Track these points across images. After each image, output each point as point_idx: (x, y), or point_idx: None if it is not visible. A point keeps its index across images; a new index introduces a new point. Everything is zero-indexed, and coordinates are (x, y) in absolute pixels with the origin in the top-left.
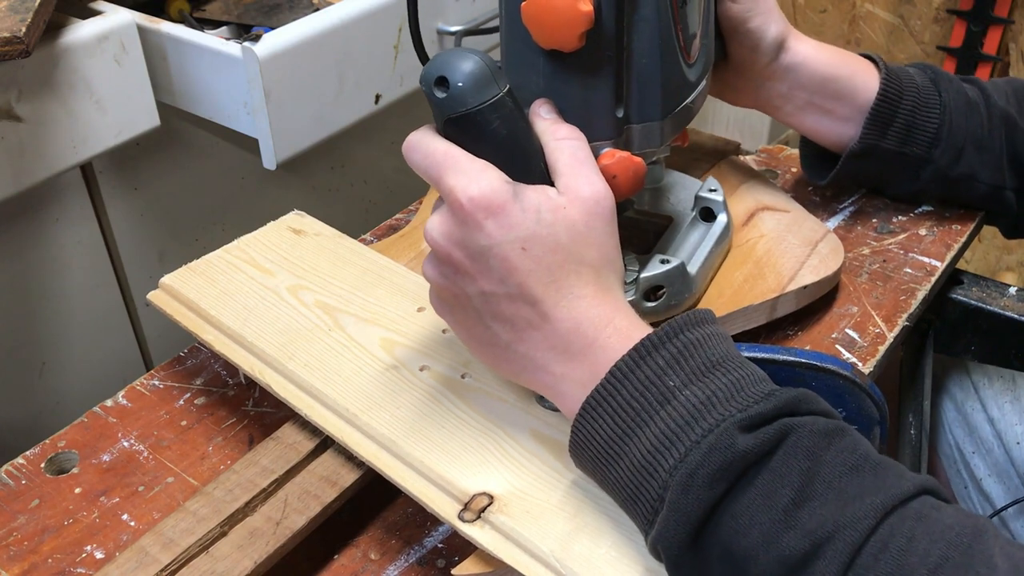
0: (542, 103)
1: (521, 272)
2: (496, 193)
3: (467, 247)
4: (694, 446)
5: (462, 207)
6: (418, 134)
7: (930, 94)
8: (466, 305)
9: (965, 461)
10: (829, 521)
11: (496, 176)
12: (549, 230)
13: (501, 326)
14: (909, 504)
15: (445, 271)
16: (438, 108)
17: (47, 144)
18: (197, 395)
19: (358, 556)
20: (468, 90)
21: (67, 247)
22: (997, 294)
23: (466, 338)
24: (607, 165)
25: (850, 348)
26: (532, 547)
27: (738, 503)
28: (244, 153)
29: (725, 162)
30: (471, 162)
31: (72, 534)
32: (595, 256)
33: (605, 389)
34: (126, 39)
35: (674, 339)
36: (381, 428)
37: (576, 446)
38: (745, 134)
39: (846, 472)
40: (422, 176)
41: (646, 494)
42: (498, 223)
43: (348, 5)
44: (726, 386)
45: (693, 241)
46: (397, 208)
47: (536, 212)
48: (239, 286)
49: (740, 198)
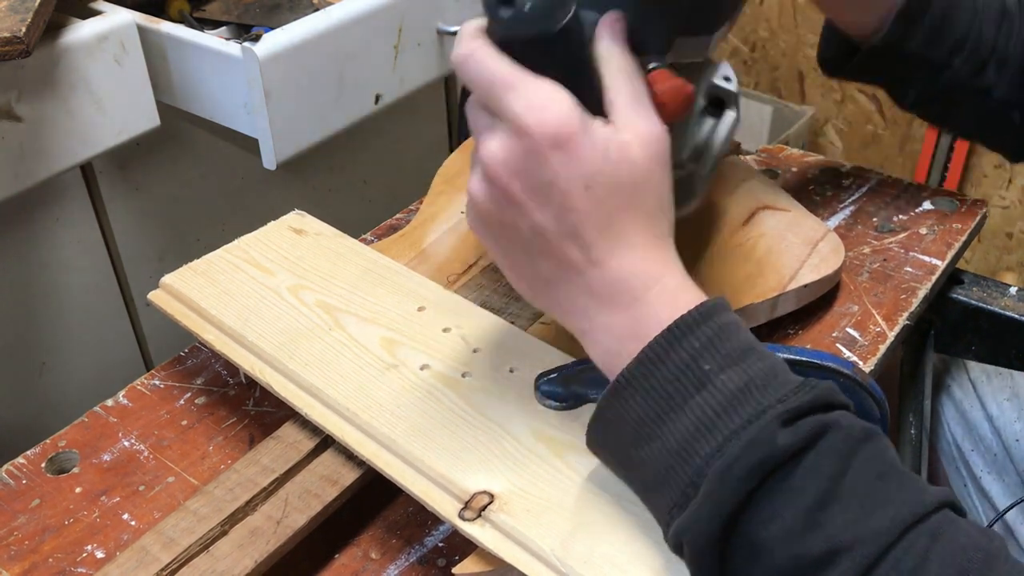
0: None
1: (579, 212)
2: (567, 122)
3: (527, 178)
4: (733, 436)
5: (530, 135)
6: (475, 44)
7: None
8: (512, 236)
9: (964, 459)
10: (849, 529)
11: (567, 101)
12: (614, 168)
13: (547, 263)
14: (928, 520)
15: (496, 197)
16: (500, 26)
17: (47, 144)
18: (198, 395)
19: (359, 555)
20: (537, 12)
21: (67, 247)
22: (997, 294)
23: (505, 265)
24: (659, 91)
25: (851, 347)
26: (533, 546)
27: (767, 495)
28: (244, 153)
29: (725, 162)
30: (541, 85)
31: (73, 533)
32: (652, 202)
33: (637, 370)
34: (126, 39)
35: (708, 321)
36: (382, 427)
37: (601, 424)
38: (745, 134)
39: (872, 479)
40: (478, 93)
41: (677, 479)
42: (566, 156)
43: (348, 5)
44: (761, 373)
45: (698, 137)
46: (397, 208)
47: (604, 149)
48: (240, 286)
49: (740, 197)
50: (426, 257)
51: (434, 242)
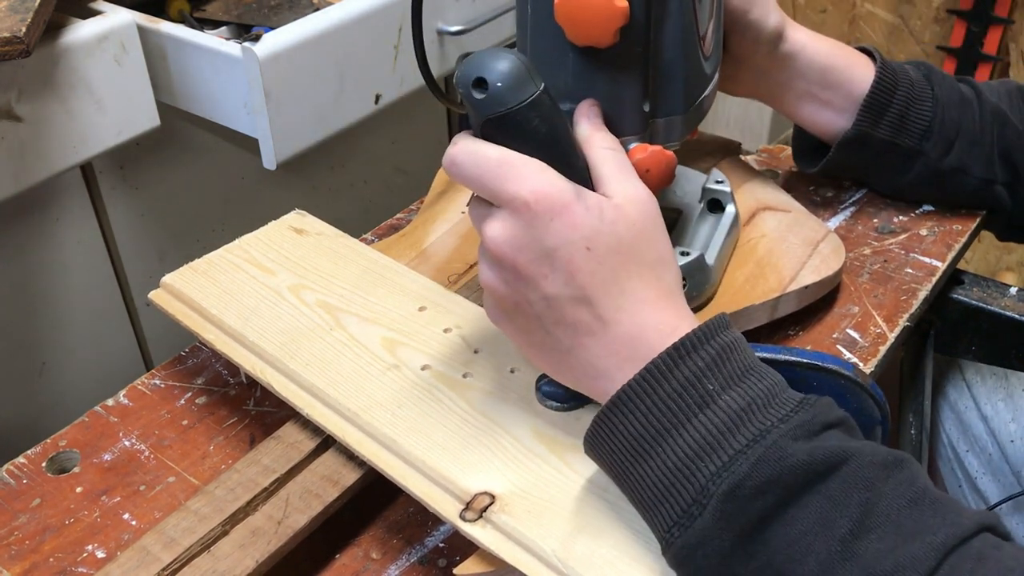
0: (587, 107)
1: (585, 273)
2: (560, 193)
3: (532, 250)
4: (739, 455)
5: (528, 208)
6: (461, 145)
7: (924, 88)
8: (527, 312)
9: (959, 459)
10: (889, 558)
11: (557, 176)
12: (611, 228)
13: (563, 331)
14: (970, 543)
15: (507, 277)
16: (477, 109)
17: (47, 144)
18: (198, 394)
19: (359, 555)
20: (507, 89)
21: (67, 247)
22: (998, 294)
23: (525, 345)
24: (641, 159)
25: (851, 348)
26: (534, 546)
27: (794, 528)
28: (244, 153)
29: (726, 162)
30: (528, 163)
31: (73, 533)
32: (654, 256)
33: (639, 386)
34: (126, 39)
35: (712, 341)
36: (382, 427)
37: (599, 437)
38: (745, 134)
39: (905, 506)
40: (473, 187)
41: (679, 497)
42: (564, 222)
43: (348, 5)
44: (763, 392)
45: (705, 232)
46: (397, 208)
47: (599, 210)
48: (240, 285)
49: (741, 198)
50: (427, 257)
51: (435, 242)
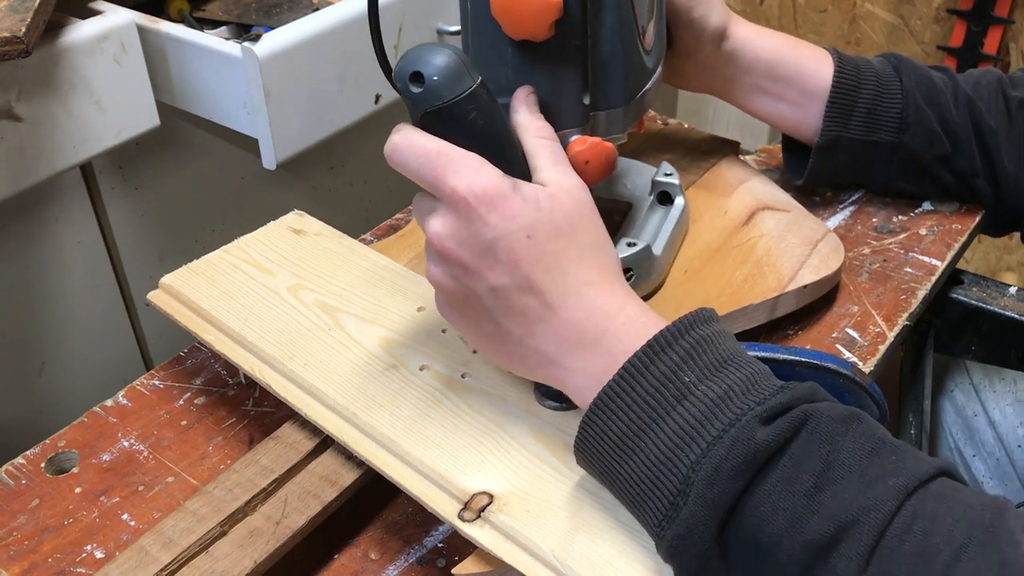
0: (524, 95)
1: (527, 262)
2: (497, 186)
3: (473, 244)
4: (716, 440)
5: (467, 204)
6: (403, 134)
7: (891, 80)
8: (476, 304)
9: (966, 464)
10: (852, 504)
11: (493, 170)
12: (549, 216)
13: (512, 321)
14: (929, 485)
15: (453, 272)
16: (414, 103)
17: (47, 144)
18: (197, 395)
19: (358, 556)
20: (443, 83)
21: (67, 247)
22: (997, 294)
23: (476, 337)
24: (580, 152)
25: (850, 347)
26: (532, 546)
27: (760, 490)
28: (244, 153)
29: (725, 161)
30: (466, 158)
31: (72, 534)
32: (592, 239)
33: (619, 385)
34: (126, 39)
35: (686, 335)
36: (381, 427)
37: (585, 442)
38: (745, 134)
39: (865, 456)
40: (412, 177)
41: (662, 490)
42: (502, 215)
43: (348, 5)
44: (741, 381)
45: (654, 224)
46: (397, 208)
47: (535, 201)
48: (239, 286)
49: (740, 197)
50: (426, 257)
51: None
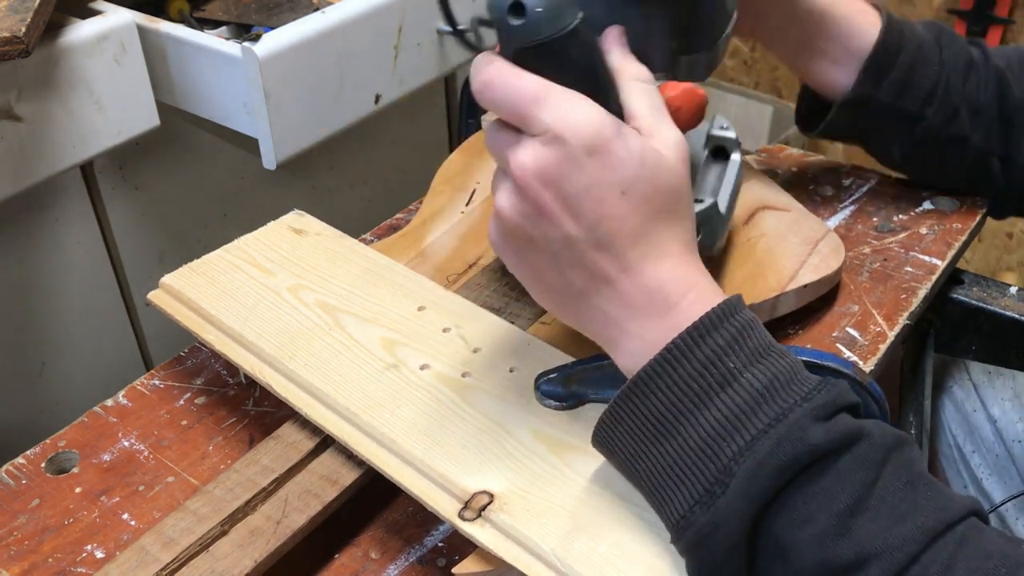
0: (616, 34)
1: (614, 220)
2: (602, 128)
3: (561, 188)
4: (761, 434)
5: (566, 142)
6: (496, 68)
7: (931, 51)
8: (542, 249)
9: (965, 460)
10: (879, 537)
11: (599, 109)
12: (651, 174)
13: (577, 274)
14: (955, 528)
15: (526, 210)
16: (512, 36)
17: (47, 144)
18: (197, 395)
19: (358, 555)
20: (546, 16)
21: (67, 247)
22: (998, 294)
23: (531, 280)
24: (673, 96)
25: (851, 347)
26: (533, 545)
27: (798, 495)
28: (244, 153)
29: None
30: (568, 94)
31: (72, 533)
32: (683, 208)
33: (660, 365)
34: (126, 39)
35: (732, 318)
36: (381, 427)
37: (617, 419)
38: (745, 134)
39: (900, 487)
40: (504, 112)
41: (698, 477)
42: (602, 162)
43: (348, 5)
44: (784, 371)
45: (712, 180)
46: (397, 208)
47: (640, 154)
48: (239, 286)
49: (740, 197)
50: (426, 257)
51: (434, 242)
